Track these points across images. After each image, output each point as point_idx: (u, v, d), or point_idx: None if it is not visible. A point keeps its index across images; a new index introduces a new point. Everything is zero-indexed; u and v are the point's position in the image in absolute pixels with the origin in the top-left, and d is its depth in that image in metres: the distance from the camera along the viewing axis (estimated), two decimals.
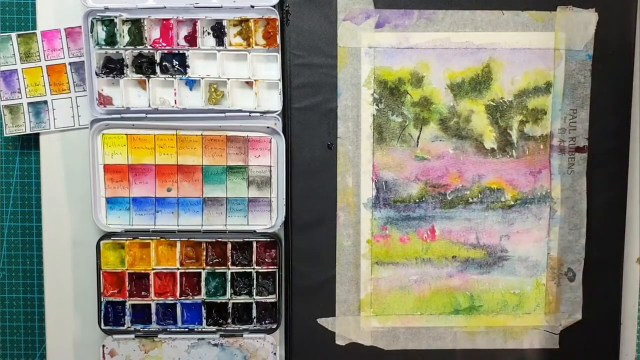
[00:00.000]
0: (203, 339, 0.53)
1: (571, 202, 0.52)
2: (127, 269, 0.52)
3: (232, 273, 0.52)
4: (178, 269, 0.52)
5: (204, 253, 0.52)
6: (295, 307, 0.52)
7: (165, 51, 0.51)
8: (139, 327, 0.53)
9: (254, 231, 0.52)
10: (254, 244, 0.52)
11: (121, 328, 0.52)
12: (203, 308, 0.52)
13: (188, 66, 0.51)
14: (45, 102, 0.52)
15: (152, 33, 0.51)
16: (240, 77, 0.51)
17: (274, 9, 0.50)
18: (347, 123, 0.51)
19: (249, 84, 0.51)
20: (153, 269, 0.52)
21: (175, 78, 0.51)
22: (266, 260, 0.52)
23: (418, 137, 0.51)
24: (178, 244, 0.52)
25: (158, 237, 0.52)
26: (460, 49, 0.51)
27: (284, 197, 0.52)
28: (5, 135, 0.53)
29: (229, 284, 0.52)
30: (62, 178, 0.53)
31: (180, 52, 0.51)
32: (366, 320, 0.53)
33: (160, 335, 0.53)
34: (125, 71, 0.51)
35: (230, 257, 0.52)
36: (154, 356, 0.53)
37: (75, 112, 0.53)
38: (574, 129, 0.52)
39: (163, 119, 0.51)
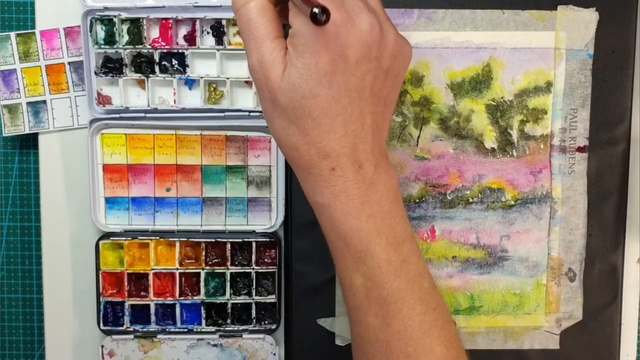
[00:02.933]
0: (202, 339, 0.52)
1: (572, 202, 0.52)
2: (126, 269, 0.52)
3: (231, 273, 0.52)
4: (177, 269, 0.52)
5: (203, 253, 0.52)
6: (295, 307, 0.52)
7: (165, 50, 0.50)
8: (138, 327, 0.52)
9: (254, 231, 0.52)
10: (254, 244, 0.52)
11: (120, 328, 0.52)
12: (202, 308, 0.52)
13: (187, 65, 0.51)
14: (44, 101, 0.52)
15: (151, 32, 0.51)
16: (240, 76, 0.51)
17: None
18: None
19: (249, 83, 0.51)
20: (152, 269, 0.52)
21: (174, 77, 0.51)
22: (266, 260, 0.52)
23: (418, 137, 0.51)
24: (177, 244, 0.52)
25: (157, 237, 0.52)
26: (461, 48, 0.50)
27: (284, 197, 0.52)
28: (4, 135, 0.53)
29: (228, 284, 0.52)
30: (61, 178, 0.53)
31: (180, 51, 0.51)
32: None
33: (159, 336, 0.52)
34: (124, 70, 0.51)
35: (229, 257, 0.52)
36: (153, 356, 0.52)
37: (74, 111, 0.52)
38: (575, 128, 0.51)
39: (162, 118, 0.51)
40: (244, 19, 0.36)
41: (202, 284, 0.52)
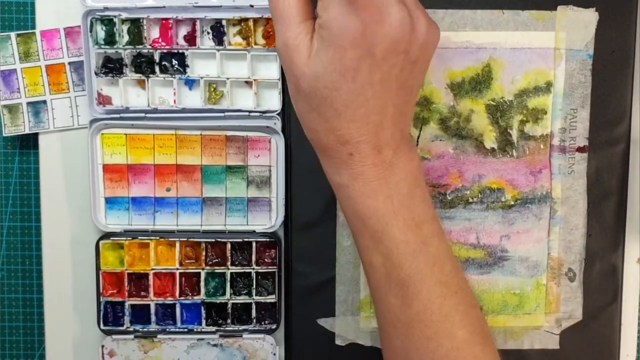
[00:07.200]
0: (202, 339, 0.52)
1: (572, 202, 0.52)
2: (126, 269, 0.52)
3: (231, 273, 0.52)
4: (177, 269, 0.52)
5: (204, 253, 0.52)
6: (295, 307, 0.52)
7: (165, 51, 0.51)
8: (138, 327, 0.52)
9: (254, 231, 0.52)
10: (254, 244, 0.52)
11: (120, 328, 0.52)
12: (202, 308, 0.52)
13: (187, 66, 0.51)
14: (45, 101, 0.52)
15: (152, 32, 0.51)
16: (240, 76, 0.51)
17: None
18: None
19: (249, 83, 0.51)
20: (152, 269, 0.52)
21: (174, 78, 0.51)
22: (266, 260, 0.52)
23: (418, 137, 0.51)
24: (177, 244, 0.52)
25: (157, 237, 0.52)
26: (461, 48, 0.50)
27: (284, 197, 0.52)
28: (4, 135, 0.53)
29: (228, 284, 0.52)
30: (61, 178, 0.53)
31: (180, 51, 0.51)
32: (366, 321, 0.52)
33: (159, 336, 0.52)
34: (124, 71, 0.51)
35: (229, 257, 0.52)
36: (154, 356, 0.52)
37: (74, 111, 0.53)
38: (575, 128, 0.51)
39: (162, 118, 0.51)
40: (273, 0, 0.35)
41: (202, 284, 0.52)
